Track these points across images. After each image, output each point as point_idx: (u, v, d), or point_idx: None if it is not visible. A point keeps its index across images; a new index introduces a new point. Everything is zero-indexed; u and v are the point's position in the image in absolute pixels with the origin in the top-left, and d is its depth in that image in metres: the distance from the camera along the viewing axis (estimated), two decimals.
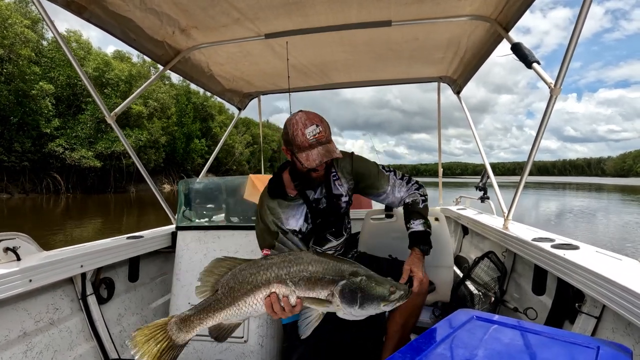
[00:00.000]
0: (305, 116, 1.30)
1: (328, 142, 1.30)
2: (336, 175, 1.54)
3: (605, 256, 1.35)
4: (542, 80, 1.53)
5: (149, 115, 33.69)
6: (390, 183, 1.55)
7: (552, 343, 0.85)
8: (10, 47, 23.87)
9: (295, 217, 1.50)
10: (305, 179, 1.44)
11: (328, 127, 1.32)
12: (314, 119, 1.29)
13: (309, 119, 1.29)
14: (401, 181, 1.57)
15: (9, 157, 24.79)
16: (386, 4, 1.79)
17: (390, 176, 1.56)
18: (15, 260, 1.42)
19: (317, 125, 1.28)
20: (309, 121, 1.28)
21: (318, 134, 1.27)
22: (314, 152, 1.27)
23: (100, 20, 1.78)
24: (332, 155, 1.28)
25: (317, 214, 1.52)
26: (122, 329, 1.87)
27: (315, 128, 1.27)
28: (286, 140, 1.34)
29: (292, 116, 1.33)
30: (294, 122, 1.30)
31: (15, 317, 1.39)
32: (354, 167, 1.55)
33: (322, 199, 1.52)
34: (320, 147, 1.28)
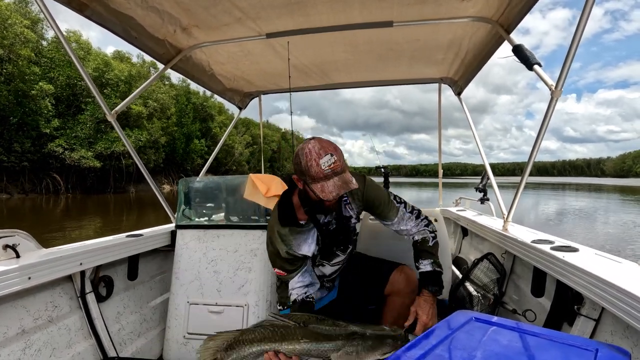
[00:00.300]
0: (318, 145, 1.23)
1: (343, 172, 1.23)
2: (347, 200, 1.51)
3: (605, 259, 1.35)
4: (543, 82, 1.53)
5: (148, 116, 33.69)
6: (398, 215, 1.52)
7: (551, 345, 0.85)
8: (10, 47, 23.88)
9: (306, 242, 1.46)
10: (317, 206, 1.40)
11: (342, 155, 1.26)
12: (328, 148, 1.22)
13: (322, 147, 1.22)
14: (410, 215, 1.54)
15: (9, 158, 24.77)
16: (388, 4, 1.79)
17: (400, 208, 1.53)
18: (14, 258, 1.42)
19: (332, 154, 1.21)
20: (323, 150, 1.21)
21: (333, 163, 1.20)
22: (330, 183, 1.21)
23: (102, 18, 1.78)
24: (349, 186, 1.22)
25: (327, 236, 1.50)
26: (120, 327, 1.86)
27: (330, 158, 1.20)
28: (299, 170, 1.27)
29: (304, 144, 1.26)
30: (307, 152, 1.22)
31: (14, 314, 1.39)
32: (365, 194, 1.52)
33: (332, 221, 1.50)
34: (336, 178, 1.22)
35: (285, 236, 1.44)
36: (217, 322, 1.86)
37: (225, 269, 1.92)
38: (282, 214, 1.46)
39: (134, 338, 1.93)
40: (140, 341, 1.95)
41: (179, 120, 41.04)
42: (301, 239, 1.45)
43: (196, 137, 44.07)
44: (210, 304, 1.89)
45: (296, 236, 1.45)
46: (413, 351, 0.84)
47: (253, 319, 1.82)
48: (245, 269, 1.90)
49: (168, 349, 1.89)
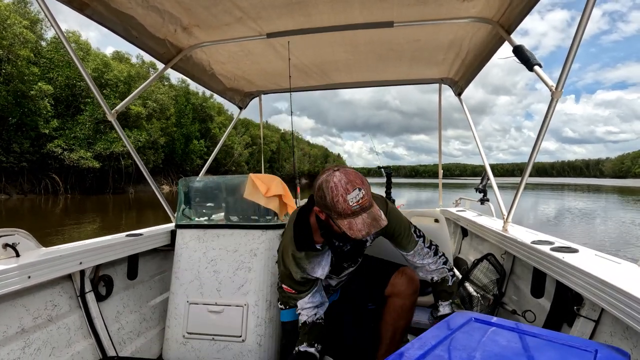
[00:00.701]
0: (345, 178, 1.14)
1: (371, 206, 1.16)
2: None
3: (604, 260, 1.35)
4: (543, 83, 1.54)
5: (147, 116, 33.66)
6: (416, 248, 1.49)
7: (550, 346, 0.85)
8: (9, 48, 23.84)
9: (320, 264, 1.43)
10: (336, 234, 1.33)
11: (369, 187, 1.18)
12: (356, 182, 1.14)
13: (350, 182, 1.13)
14: (428, 250, 1.51)
15: (8, 158, 24.71)
16: (389, 4, 1.79)
17: (419, 242, 1.49)
18: (14, 257, 1.42)
19: (360, 188, 1.13)
20: (350, 185, 1.12)
21: (361, 199, 1.12)
22: (359, 221, 1.13)
23: (102, 17, 1.78)
24: (379, 224, 1.14)
25: (341, 258, 1.49)
26: (120, 327, 1.86)
27: (358, 193, 1.12)
28: (322, 204, 1.18)
29: (329, 177, 1.16)
30: (332, 186, 1.14)
31: (14, 313, 1.38)
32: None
33: (346, 244, 1.47)
34: (365, 215, 1.14)
35: (301, 260, 1.40)
36: (217, 321, 1.85)
37: (225, 269, 1.92)
38: (299, 238, 1.39)
39: (134, 337, 1.92)
40: (139, 340, 1.95)
41: (178, 120, 41.01)
42: (315, 262, 1.42)
43: (195, 138, 44.03)
44: (210, 303, 1.88)
45: (312, 260, 1.41)
46: (413, 351, 0.84)
47: (253, 318, 1.82)
48: (245, 268, 1.90)
49: (167, 349, 1.89)
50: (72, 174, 28.95)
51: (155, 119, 35.21)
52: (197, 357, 1.84)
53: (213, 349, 1.83)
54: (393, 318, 1.57)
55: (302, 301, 1.49)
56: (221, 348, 1.82)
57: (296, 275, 1.43)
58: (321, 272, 1.43)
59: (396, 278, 1.58)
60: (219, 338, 1.83)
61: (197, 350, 1.84)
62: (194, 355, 1.84)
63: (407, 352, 0.84)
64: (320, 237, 1.40)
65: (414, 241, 1.49)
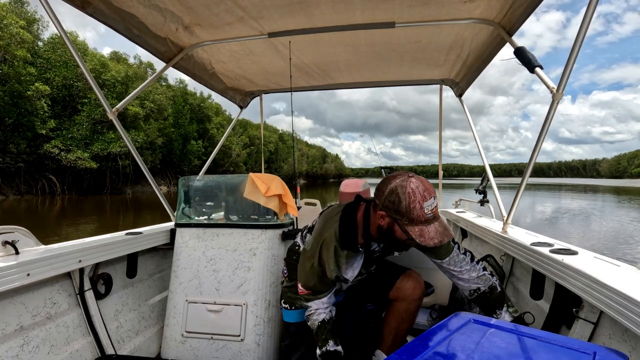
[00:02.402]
0: (422, 186, 1.14)
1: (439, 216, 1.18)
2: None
3: (604, 262, 1.35)
4: (544, 84, 1.53)
5: (145, 117, 33.60)
6: (451, 255, 1.44)
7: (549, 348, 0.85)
8: (5, 48, 23.75)
9: (352, 267, 1.41)
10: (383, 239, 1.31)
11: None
12: (431, 191, 1.15)
13: (427, 190, 1.14)
14: (464, 256, 1.46)
15: (4, 159, 24.60)
16: (390, 5, 1.80)
17: (454, 249, 1.45)
18: (13, 254, 1.41)
19: (434, 197, 1.15)
20: (427, 193, 1.14)
21: (435, 207, 1.14)
22: (431, 228, 1.13)
23: (104, 15, 1.78)
24: (449, 233, 1.15)
25: (370, 263, 1.47)
26: (119, 325, 1.85)
27: (434, 201, 1.14)
28: (394, 209, 1.16)
29: (404, 182, 1.15)
30: (409, 192, 1.13)
31: (13, 310, 1.37)
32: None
33: (377, 249, 1.45)
34: (437, 224, 1.15)
35: (341, 258, 1.38)
36: (216, 321, 1.85)
37: (224, 268, 1.92)
38: (345, 236, 1.36)
39: (132, 336, 1.92)
40: (138, 339, 1.94)
41: (176, 121, 40.95)
42: (350, 263, 1.40)
43: (193, 138, 43.97)
44: (209, 302, 1.88)
45: (349, 260, 1.40)
46: (412, 352, 0.84)
47: (252, 318, 1.82)
48: (244, 268, 1.90)
49: (166, 347, 1.88)
50: (69, 174, 28.84)
51: (153, 120, 35.14)
52: (195, 356, 1.83)
53: (212, 348, 1.82)
54: (397, 322, 1.57)
55: (319, 301, 1.45)
56: (220, 347, 1.82)
57: (331, 273, 1.38)
58: (351, 274, 1.41)
59: (402, 282, 1.56)
60: (218, 337, 1.83)
61: (196, 349, 1.84)
62: (193, 354, 1.84)
63: (407, 352, 0.84)
64: (362, 238, 1.37)
65: (450, 247, 1.44)
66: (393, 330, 1.58)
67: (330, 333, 1.43)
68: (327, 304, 1.47)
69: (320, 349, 1.42)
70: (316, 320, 1.44)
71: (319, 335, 1.43)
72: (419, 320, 2.20)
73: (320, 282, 1.42)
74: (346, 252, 1.37)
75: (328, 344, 1.41)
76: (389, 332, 1.58)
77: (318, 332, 1.44)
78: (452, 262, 1.45)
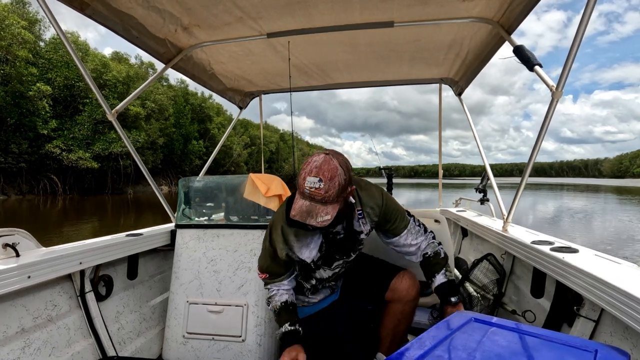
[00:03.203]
0: (320, 164, 1.16)
1: (322, 203, 1.15)
2: (362, 214, 1.44)
3: (604, 260, 1.35)
4: (544, 83, 1.53)
5: (146, 117, 33.65)
6: (408, 228, 1.50)
7: (550, 346, 0.85)
8: (7, 48, 23.82)
9: (309, 246, 1.41)
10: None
11: (336, 187, 1.15)
12: (323, 173, 1.14)
13: (320, 170, 1.15)
14: (419, 228, 1.53)
15: (6, 159, 24.68)
16: (389, 5, 1.79)
17: (411, 221, 1.51)
18: (14, 257, 1.41)
19: (321, 180, 1.13)
20: (318, 172, 1.14)
21: (315, 189, 1.13)
22: (300, 203, 1.16)
23: (103, 17, 1.78)
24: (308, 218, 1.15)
25: (332, 244, 1.45)
26: (120, 327, 1.85)
27: (316, 182, 1.13)
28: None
29: (316, 154, 1.20)
30: (308, 161, 1.18)
31: (14, 313, 1.38)
32: (382, 209, 1.45)
33: (340, 231, 1.44)
34: (308, 203, 1.15)
35: (288, 236, 1.40)
36: (217, 321, 1.85)
37: (225, 269, 1.92)
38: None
39: (134, 337, 1.92)
40: (139, 340, 1.94)
41: (177, 121, 41.00)
42: (304, 242, 1.41)
43: (194, 138, 44.04)
44: (210, 303, 1.88)
45: (300, 238, 1.40)
46: (412, 351, 0.84)
47: (253, 318, 1.82)
48: (245, 268, 1.90)
49: (167, 349, 1.89)
50: (70, 174, 28.92)
51: (154, 120, 35.19)
52: (196, 357, 1.84)
53: (213, 349, 1.83)
54: (393, 323, 1.56)
55: (279, 283, 1.48)
56: (221, 348, 1.82)
57: (281, 252, 1.40)
58: (308, 255, 1.41)
59: (397, 283, 1.56)
60: (219, 338, 1.83)
61: (197, 350, 1.84)
62: (194, 355, 1.84)
63: (407, 352, 0.84)
64: None
65: (406, 220, 1.50)
66: (390, 331, 1.58)
67: (289, 314, 1.45)
68: (288, 287, 1.48)
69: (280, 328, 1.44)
70: (278, 301, 1.45)
71: (281, 317, 1.45)
72: (420, 319, 2.19)
73: (273, 262, 1.44)
74: (294, 229, 1.38)
75: (287, 324, 1.43)
76: (386, 333, 1.58)
77: (281, 312, 1.45)
78: (409, 234, 1.49)
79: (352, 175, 1.26)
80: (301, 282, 1.57)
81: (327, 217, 1.16)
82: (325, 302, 1.63)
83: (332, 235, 1.43)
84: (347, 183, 1.20)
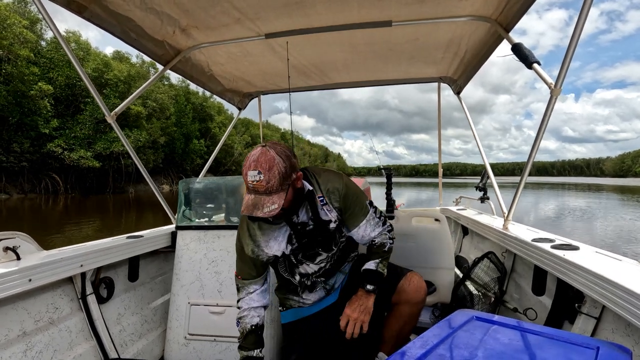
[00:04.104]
0: (257, 156, 1.17)
1: (266, 194, 1.16)
2: (324, 201, 1.40)
3: (605, 257, 1.35)
4: (542, 80, 1.54)
5: (147, 116, 33.69)
6: (367, 218, 1.45)
7: (552, 343, 0.85)
8: (9, 48, 23.86)
9: (277, 239, 1.40)
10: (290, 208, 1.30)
11: (277, 176, 1.16)
12: (261, 165, 1.15)
13: (257, 162, 1.16)
14: (378, 220, 1.48)
15: (8, 158, 24.75)
16: (387, 4, 1.79)
17: (370, 212, 1.46)
18: (15, 260, 1.42)
19: (260, 172, 1.15)
20: (255, 164, 1.16)
21: (257, 182, 1.15)
22: (246, 198, 1.18)
23: (101, 19, 1.77)
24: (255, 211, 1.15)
25: (303, 235, 1.42)
26: (121, 329, 1.86)
27: (256, 175, 1.15)
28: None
29: (254, 148, 1.22)
30: (247, 157, 1.20)
31: (15, 316, 1.38)
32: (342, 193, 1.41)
33: (308, 222, 1.42)
34: (253, 197, 1.17)
35: (253, 231, 1.40)
36: (218, 322, 1.86)
37: (226, 270, 1.92)
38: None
39: (135, 339, 1.93)
40: (141, 342, 1.95)
41: (178, 120, 41.03)
42: (271, 236, 1.40)
43: (195, 138, 44.08)
44: (211, 304, 1.89)
45: (266, 232, 1.40)
46: (414, 350, 0.84)
47: None
48: None
49: (169, 350, 1.89)
50: (72, 173, 29.00)
51: (155, 119, 35.22)
52: (198, 358, 1.84)
53: (215, 350, 1.83)
54: (399, 325, 1.55)
55: (251, 296, 1.44)
56: (223, 349, 1.83)
57: (247, 248, 1.40)
58: (277, 248, 1.40)
59: (404, 285, 1.54)
60: (221, 339, 1.83)
61: (199, 351, 1.85)
62: (196, 357, 1.85)
63: (409, 351, 0.84)
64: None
65: (366, 210, 1.45)
66: (395, 332, 1.57)
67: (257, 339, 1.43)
68: (258, 303, 1.45)
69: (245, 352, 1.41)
70: (248, 323, 1.43)
71: (247, 341, 1.42)
72: (422, 318, 2.19)
73: (242, 261, 1.44)
74: (257, 223, 1.38)
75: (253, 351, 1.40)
76: (391, 335, 1.57)
77: (248, 336, 1.42)
78: (367, 226, 1.45)
79: (295, 162, 1.26)
80: (289, 278, 1.54)
81: (273, 207, 1.16)
82: (322, 303, 1.60)
83: (300, 227, 1.41)
84: (288, 170, 1.20)
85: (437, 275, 2.12)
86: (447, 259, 2.13)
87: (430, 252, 2.14)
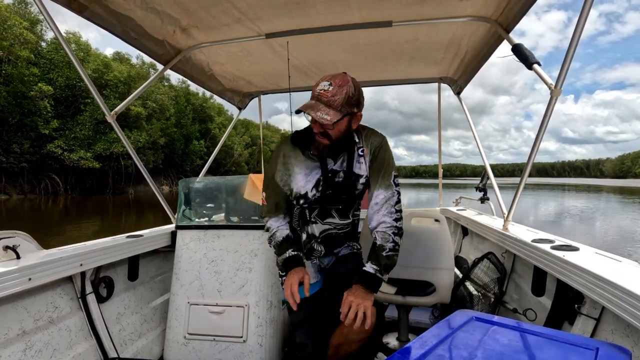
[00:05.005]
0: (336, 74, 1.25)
1: (326, 105, 1.21)
2: (362, 151, 1.40)
3: (605, 258, 1.35)
4: (542, 81, 1.54)
5: (147, 117, 33.72)
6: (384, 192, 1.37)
7: (551, 344, 0.85)
8: (9, 49, 23.89)
9: (306, 177, 1.40)
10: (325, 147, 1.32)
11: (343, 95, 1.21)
12: (335, 80, 1.22)
13: (333, 77, 1.23)
14: (391, 207, 1.36)
15: (8, 159, 24.77)
16: (387, 4, 1.79)
17: (391, 191, 1.37)
18: (14, 259, 1.42)
19: (331, 84, 1.21)
20: (330, 77, 1.23)
21: (324, 90, 1.21)
22: (308, 101, 1.24)
23: (101, 19, 1.78)
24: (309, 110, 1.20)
25: (330, 185, 1.41)
26: (121, 328, 1.86)
27: (327, 85, 1.21)
28: None
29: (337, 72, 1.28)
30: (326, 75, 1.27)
31: (15, 315, 1.38)
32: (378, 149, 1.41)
33: (340, 172, 1.41)
34: (314, 102, 1.22)
35: (289, 159, 1.42)
36: (218, 322, 1.86)
37: (225, 270, 1.92)
38: (298, 133, 1.43)
39: (135, 339, 1.93)
40: (140, 342, 1.95)
41: (178, 121, 41.08)
42: (302, 169, 1.40)
43: (195, 138, 44.11)
44: (211, 304, 1.89)
45: (299, 164, 1.40)
46: (414, 351, 0.84)
47: (254, 319, 1.82)
48: (245, 269, 1.90)
49: (169, 350, 1.89)
50: (72, 174, 29.01)
51: (155, 120, 35.25)
52: (198, 357, 1.84)
53: (214, 350, 1.83)
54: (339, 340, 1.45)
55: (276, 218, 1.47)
56: (222, 349, 1.82)
57: (277, 173, 1.42)
58: (303, 185, 1.39)
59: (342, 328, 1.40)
60: (220, 339, 1.83)
61: (198, 351, 1.84)
62: (195, 356, 1.84)
63: (408, 351, 0.84)
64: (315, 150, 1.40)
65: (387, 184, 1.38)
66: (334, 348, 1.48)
67: (291, 244, 1.43)
68: (285, 221, 1.48)
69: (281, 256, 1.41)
70: (280, 236, 1.44)
71: (282, 248, 1.42)
72: (421, 319, 2.20)
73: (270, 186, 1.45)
74: (296, 152, 1.41)
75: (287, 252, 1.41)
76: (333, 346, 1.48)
77: (282, 244, 1.43)
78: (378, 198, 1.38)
79: (362, 103, 1.30)
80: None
81: (326, 117, 1.19)
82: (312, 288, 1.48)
83: (331, 174, 1.40)
84: (354, 100, 1.24)
85: (436, 275, 2.12)
86: (446, 260, 2.13)
87: (429, 252, 2.14)
